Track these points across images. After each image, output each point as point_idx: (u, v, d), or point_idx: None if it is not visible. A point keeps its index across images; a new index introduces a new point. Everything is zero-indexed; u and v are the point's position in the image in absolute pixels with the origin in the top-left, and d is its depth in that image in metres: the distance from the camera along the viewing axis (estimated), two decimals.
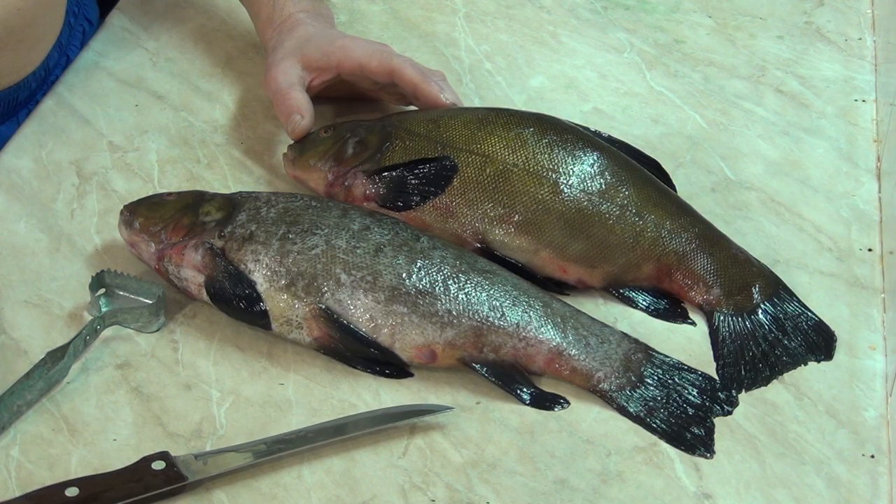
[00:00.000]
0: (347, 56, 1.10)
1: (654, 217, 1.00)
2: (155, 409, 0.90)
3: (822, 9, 1.35)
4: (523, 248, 0.99)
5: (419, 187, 1.01)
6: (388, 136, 1.03)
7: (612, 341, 0.94)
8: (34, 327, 0.96)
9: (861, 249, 1.06)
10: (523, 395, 0.92)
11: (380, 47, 1.11)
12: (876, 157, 1.16)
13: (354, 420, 0.89)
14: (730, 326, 0.98)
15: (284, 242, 0.95)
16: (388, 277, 0.93)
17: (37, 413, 0.90)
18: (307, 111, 1.08)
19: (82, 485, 0.82)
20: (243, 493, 0.85)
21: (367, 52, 1.10)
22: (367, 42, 1.12)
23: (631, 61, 1.26)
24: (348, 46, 1.11)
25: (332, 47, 1.11)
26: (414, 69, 1.08)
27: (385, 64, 1.09)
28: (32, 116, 1.16)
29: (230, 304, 0.94)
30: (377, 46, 1.11)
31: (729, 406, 0.92)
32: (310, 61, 1.11)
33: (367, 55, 1.10)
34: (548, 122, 1.04)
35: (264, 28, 1.17)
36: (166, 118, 1.16)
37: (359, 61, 1.10)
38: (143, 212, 0.99)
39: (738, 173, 1.13)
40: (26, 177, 1.09)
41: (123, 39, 1.25)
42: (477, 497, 0.86)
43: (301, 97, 1.09)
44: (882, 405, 0.93)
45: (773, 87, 1.24)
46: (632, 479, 0.87)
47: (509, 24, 1.30)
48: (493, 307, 0.93)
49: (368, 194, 1.02)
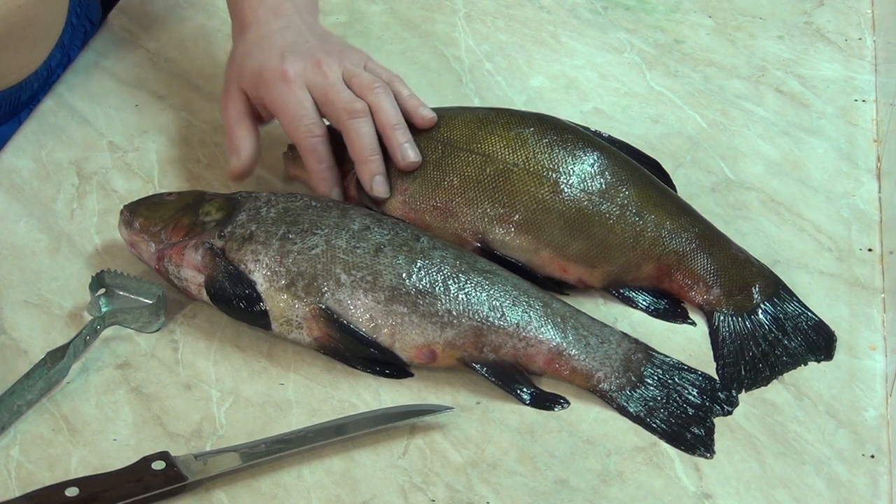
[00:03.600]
0: (273, 104, 1.03)
1: (654, 217, 1.00)
2: (155, 409, 0.90)
3: (822, 9, 1.35)
4: (523, 248, 0.99)
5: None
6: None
7: (612, 341, 0.94)
8: (34, 327, 0.96)
9: (861, 249, 1.06)
10: (523, 395, 0.92)
11: (301, 93, 1.02)
12: (876, 157, 1.16)
13: (354, 420, 0.89)
14: (730, 326, 0.98)
15: (284, 242, 0.95)
16: (388, 277, 0.93)
17: (37, 413, 0.90)
18: (245, 150, 1.04)
19: (82, 485, 0.82)
20: (243, 493, 0.85)
21: (295, 106, 1.02)
22: (296, 80, 1.02)
23: (631, 61, 1.26)
24: (273, 88, 1.02)
25: (261, 82, 1.03)
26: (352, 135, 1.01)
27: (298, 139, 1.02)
28: (32, 116, 1.16)
29: (230, 304, 0.94)
30: (299, 94, 1.01)
31: (729, 406, 0.92)
32: (248, 92, 1.05)
33: (294, 112, 1.02)
34: (548, 122, 1.04)
35: (232, 14, 1.11)
36: (166, 118, 1.16)
37: (284, 115, 1.02)
38: (143, 212, 0.99)
39: (738, 173, 1.13)
40: (26, 177, 1.10)
41: (123, 39, 1.26)
42: (477, 497, 0.86)
43: (242, 135, 1.04)
44: (882, 405, 0.93)
45: (773, 87, 1.24)
46: (632, 479, 0.87)
47: (509, 24, 1.30)
48: (493, 307, 0.93)
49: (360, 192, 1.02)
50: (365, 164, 1.01)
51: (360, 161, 1.01)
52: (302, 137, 1.02)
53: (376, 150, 1.01)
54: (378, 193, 1.01)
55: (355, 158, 1.02)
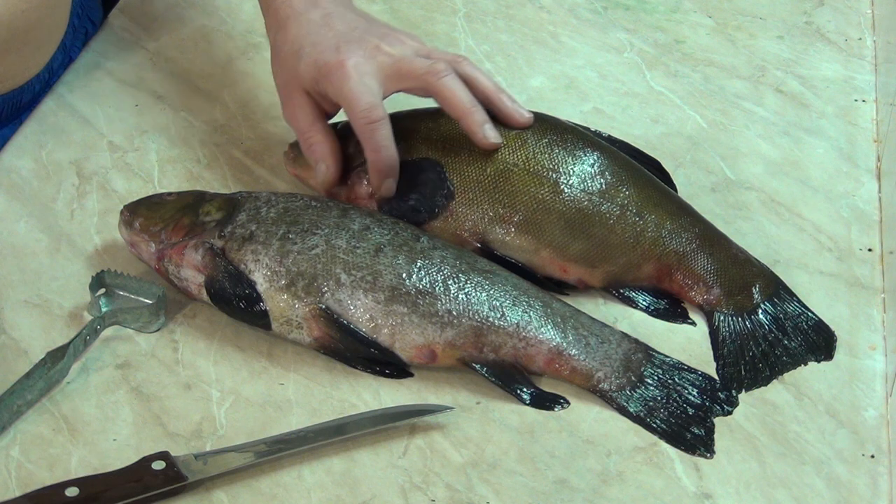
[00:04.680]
0: (337, 97, 0.99)
1: (654, 217, 1.00)
2: (155, 409, 0.90)
3: (822, 9, 1.35)
4: (523, 248, 0.99)
5: (418, 207, 1.00)
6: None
7: (612, 341, 0.94)
8: (34, 327, 0.96)
9: (861, 249, 1.06)
10: (523, 395, 0.92)
11: (365, 80, 0.99)
12: (876, 157, 1.16)
13: (354, 420, 0.89)
14: (730, 326, 0.98)
15: (284, 242, 0.95)
16: (388, 277, 0.93)
17: (37, 413, 0.90)
18: (330, 155, 1.01)
19: (82, 485, 0.82)
20: (243, 493, 0.85)
21: (355, 93, 0.98)
22: (358, 69, 0.99)
23: (631, 61, 1.26)
24: (335, 80, 0.99)
25: (321, 78, 1.00)
26: (457, 100, 0.98)
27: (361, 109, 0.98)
28: (32, 116, 1.16)
29: (230, 304, 0.94)
30: (364, 82, 0.98)
31: (729, 406, 0.92)
32: (309, 90, 1.01)
33: (354, 97, 0.98)
34: (548, 122, 1.04)
35: (264, 10, 1.07)
36: (166, 118, 1.16)
37: (347, 104, 0.99)
38: (143, 212, 0.99)
39: (738, 173, 1.13)
40: (26, 177, 1.10)
41: (123, 39, 1.25)
42: (477, 497, 0.86)
43: (319, 140, 1.01)
44: (882, 405, 0.93)
45: (773, 87, 1.24)
46: (632, 479, 0.87)
47: (509, 24, 1.30)
48: (493, 307, 0.93)
49: (371, 193, 1.02)
50: (470, 114, 0.98)
51: (465, 113, 0.98)
52: (359, 123, 0.98)
53: (475, 101, 0.99)
54: (492, 139, 0.99)
55: (457, 114, 0.99)
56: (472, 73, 1.02)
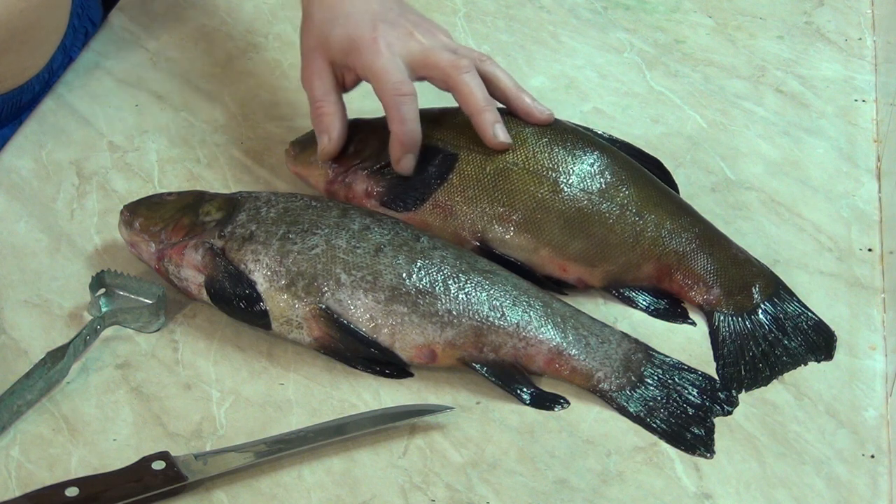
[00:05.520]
0: (366, 71, 1.01)
1: (654, 217, 1.00)
2: (155, 409, 0.90)
3: (822, 9, 1.35)
4: (523, 247, 0.99)
5: (419, 186, 1.01)
6: (390, 134, 1.03)
7: (612, 341, 0.94)
8: (34, 327, 0.96)
9: (861, 249, 1.06)
10: (523, 395, 0.92)
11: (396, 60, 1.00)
12: (876, 157, 1.16)
13: (354, 420, 0.89)
14: (730, 326, 0.98)
15: (284, 242, 0.95)
16: (388, 277, 0.93)
17: (37, 413, 0.90)
18: (336, 129, 1.02)
19: (82, 485, 0.82)
20: (243, 493, 0.85)
21: (386, 69, 1.00)
22: (391, 48, 1.01)
23: (631, 61, 1.26)
24: (366, 55, 1.00)
25: (352, 51, 1.01)
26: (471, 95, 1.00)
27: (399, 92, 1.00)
28: (32, 116, 1.16)
29: (230, 304, 0.94)
30: (395, 61, 1.00)
31: (729, 406, 0.92)
32: (335, 60, 1.03)
33: (385, 72, 1.00)
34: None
35: None
36: (166, 118, 1.16)
37: (376, 79, 1.00)
38: (143, 212, 0.99)
39: (738, 173, 1.13)
40: (26, 177, 1.10)
41: (123, 39, 1.26)
42: (477, 497, 0.86)
43: (330, 111, 1.02)
44: (882, 405, 0.93)
45: (773, 87, 1.24)
46: (632, 479, 0.87)
47: (509, 24, 1.30)
48: (493, 307, 0.93)
49: (369, 191, 1.02)
50: (483, 112, 1.00)
51: (478, 111, 1.00)
52: (388, 95, 1.00)
53: (491, 101, 1.01)
54: (502, 139, 1.00)
55: (471, 110, 1.01)
56: (495, 72, 1.04)
